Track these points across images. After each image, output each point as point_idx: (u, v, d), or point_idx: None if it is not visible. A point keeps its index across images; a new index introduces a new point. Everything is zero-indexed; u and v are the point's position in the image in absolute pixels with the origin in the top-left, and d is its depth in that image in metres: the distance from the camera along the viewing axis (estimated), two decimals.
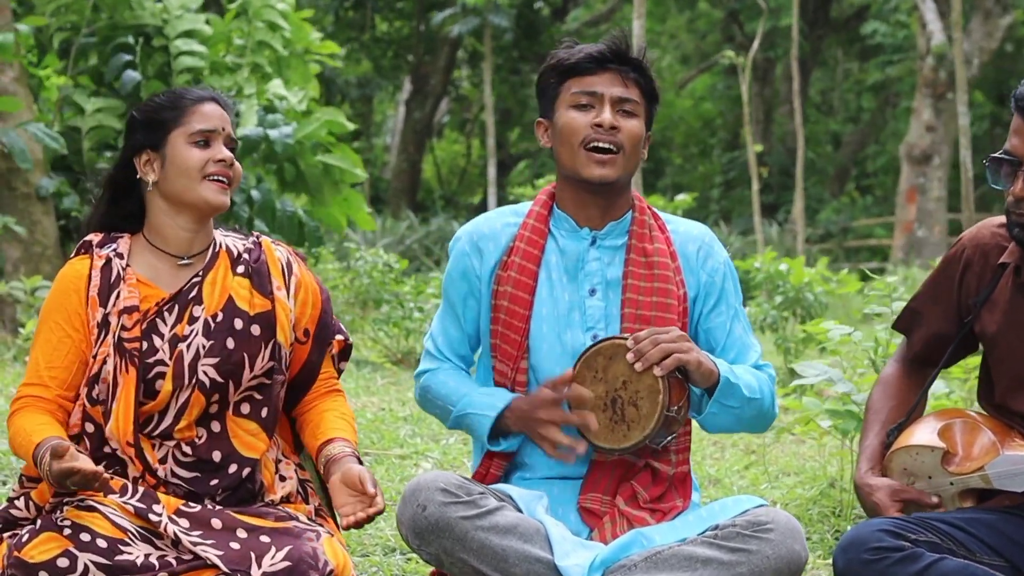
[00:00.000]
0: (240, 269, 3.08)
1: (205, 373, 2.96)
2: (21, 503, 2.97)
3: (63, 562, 2.73)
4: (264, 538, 2.84)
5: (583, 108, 3.14)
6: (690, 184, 26.61)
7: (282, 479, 3.08)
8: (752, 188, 15.74)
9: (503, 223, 3.26)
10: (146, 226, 3.09)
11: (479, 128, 31.37)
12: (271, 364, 3.05)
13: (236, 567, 2.77)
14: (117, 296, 2.99)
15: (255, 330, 3.03)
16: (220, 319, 3.01)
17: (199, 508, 2.90)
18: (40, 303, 7.69)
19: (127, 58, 8.51)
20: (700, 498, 3.26)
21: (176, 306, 3.01)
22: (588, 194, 3.17)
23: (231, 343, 3.00)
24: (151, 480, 2.94)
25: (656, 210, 3.29)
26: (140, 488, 2.90)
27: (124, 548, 2.77)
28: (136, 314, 2.98)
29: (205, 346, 2.98)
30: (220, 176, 3.01)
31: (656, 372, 2.95)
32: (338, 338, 3.21)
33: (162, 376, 2.95)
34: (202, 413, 2.99)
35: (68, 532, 2.77)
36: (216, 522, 2.87)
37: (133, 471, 2.95)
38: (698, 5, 27.93)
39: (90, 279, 3.01)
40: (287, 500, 3.06)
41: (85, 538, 2.76)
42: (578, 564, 2.91)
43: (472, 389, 3.20)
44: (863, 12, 26.23)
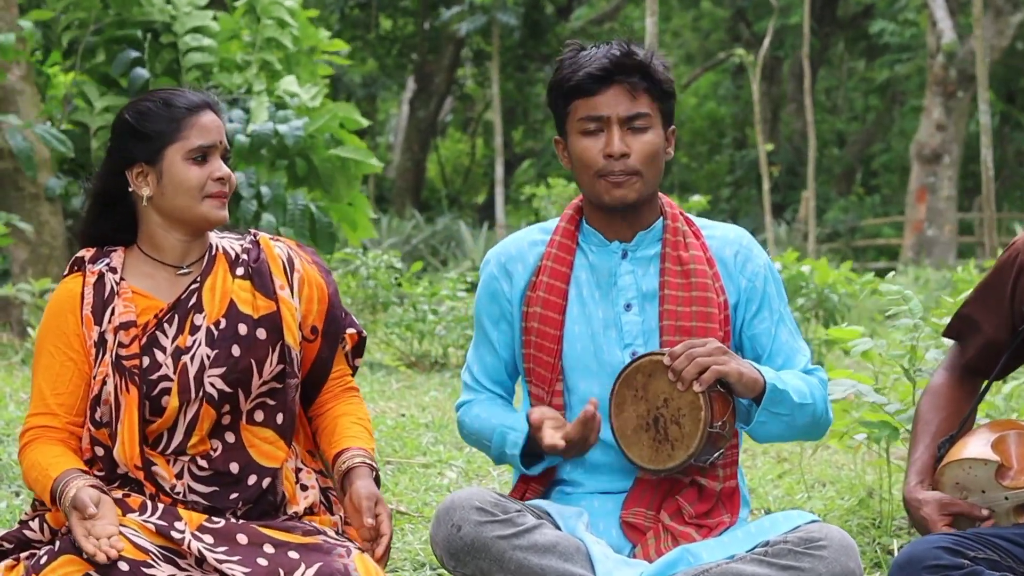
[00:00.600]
0: (240, 271, 2.94)
1: (212, 385, 2.84)
2: (35, 525, 2.85)
3: None
4: (293, 554, 2.73)
5: (591, 134, 3.00)
6: (696, 183, 26.59)
7: (303, 488, 2.96)
8: (763, 187, 15.67)
9: (530, 242, 3.15)
10: (140, 237, 2.95)
11: (483, 127, 31.33)
12: (281, 368, 2.92)
13: None
14: (112, 312, 2.86)
15: (261, 334, 2.89)
16: (223, 326, 2.87)
17: (223, 523, 2.79)
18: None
19: (135, 55, 8.39)
20: (748, 514, 3.16)
21: (176, 316, 2.88)
22: (613, 213, 3.06)
23: (236, 350, 2.86)
24: (164, 500, 2.82)
25: (690, 216, 3.16)
26: (160, 505, 2.78)
27: (147, 571, 2.65)
28: (133, 329, 2.85)
29: (210, 356, 2.85)
30: (220, 193, 2.89)
31: (696, 388, 2.84)
32: (350, 332, 3.07)
33: (167, 392, 2.83)
34: (214, 426, 2.87)
35: (87, 555, 2.63)
36: (242, 537, 2.76)
37: (150, 488, 2.83)
38: (701, 4, 27.92)
39: (83, 297, 2.88)
40: (310, 511, 2.95)
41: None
42: None
43: (501, 421, 3.08)
44: (869, 10, 26.21)
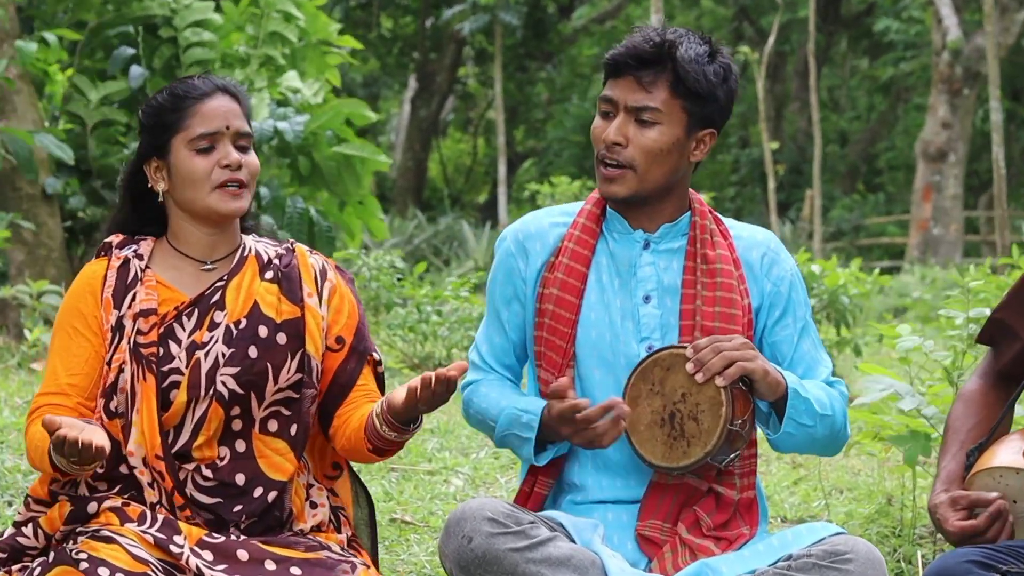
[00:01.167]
0: (268, 275, 2.86)
1: (224, 383, 2.74)
2: (29, 530, 2.75)
3: None
4: (295, 570, 2.63)
5: (605, 116, 2.90)
6: (698, 182, 26.48)
7: (313, 506, 2.86)
8: (768, 186, 15.58)
9: (551, 222, 3.02)
10: (168, 230, 2.90)
11: (485, 126, 31.26)
12: (299, 377, 2.81)
13: None
14: (133, 298, 2.79)
15: (281, 339, 2.79)
16: (243, 326, 2.78)
17: (223, 539, 2.67)
18: (45, 308, 7.46)
19: (130, 52, 8.25)
20: (768, 525, 3.04)
21: (196, 311, 2.80)
22: (620, 204, 2.94)
23: (254, 352, 2.77)
24: (178, 499, 2.71)
25: (719, 215, 3.04)
26: (159, 516, 2.67)
27: None
28: (153, 317, 2.77)
29: (225, 354, 2.76)
30: (230, 182, 2.78)
31: (718, 382, 2.73)
32: (372, 354, 2.95)
33: (176, 386, 2.74)
34: (223, 429, 2.76)
35: (85, 566, 2.53)
36: (242, 553, 2.65)
37: (151, 496, 2.71)
38: (703, 3, 27.85)
39: (105, 280, 2.81)
40: (317, 529, 2.84)
41: (103, 573, 2.51)
42: None
43: (511, 402, 2.95)
44: (873, 7, 26.13)
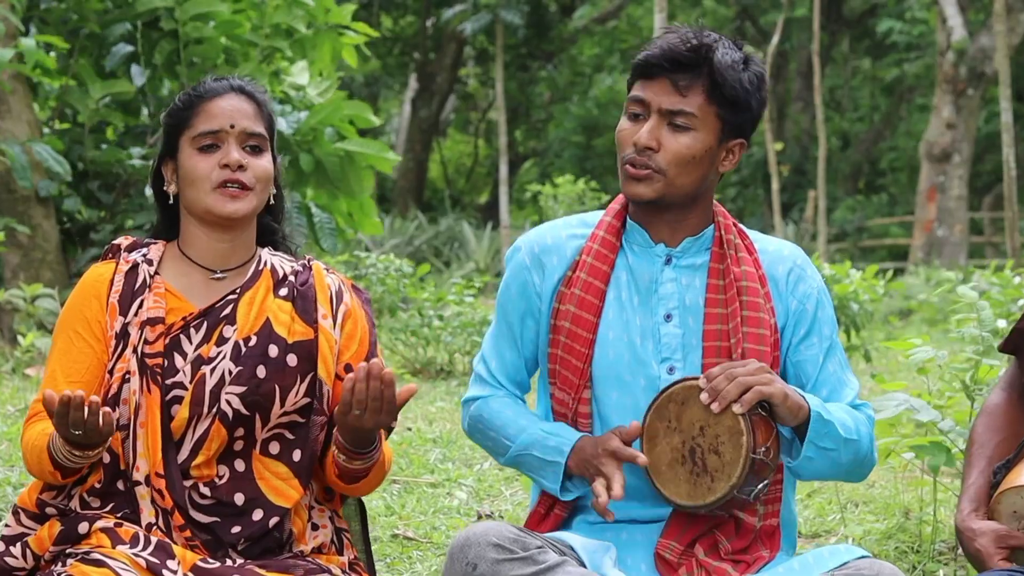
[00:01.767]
0: (283, 292, 2.73)
1: (228, 403, 2.62)
2: (17, 550, 2.64)
3: None
4: None
5: (634, 118, 2.77)
6: None
7: (315, 528, 2.74)
8: (771, 187, 15.46)
9: (569, 234, 2.89)
10: (180, 236, 2.78)
11: (486, 127, 31.16)
12: (307, 402, 2.68)
13: None
14: (140, 305, 2.67)
15: (291, 360, 2.66)
16: (253, 343, 2.66)
17: (218, 565, 2.56)
18: (40, 312, 7.33)
19: (128, 49, 8.12)
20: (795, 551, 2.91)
21: (205, 323, 2.67)
22: (643, 208, 2.81)
23: (262, 371, 2.64)
24: (178, 519, 2.59)
25: (743, 228, 2.91)
26: (153, 539, 2.55)
27: None
28: (160, 326, 2.65)
29: (232, 372, 2.63)
30: (230, 182, 2.66)
31: (736, 410, 2.59)
32: None
33: (179, 401, 2.62)
34: (224, 449, 2.64)
35: None
36: None
37: (148, 516, 2.60)
38: (704, 2, 27.76)
39: (112, 284, 2.70)
40: (319, 551, 2.72)
41: None
42: None
43: (532, 423, 2.83)
44: (876, 8, 26.05)
